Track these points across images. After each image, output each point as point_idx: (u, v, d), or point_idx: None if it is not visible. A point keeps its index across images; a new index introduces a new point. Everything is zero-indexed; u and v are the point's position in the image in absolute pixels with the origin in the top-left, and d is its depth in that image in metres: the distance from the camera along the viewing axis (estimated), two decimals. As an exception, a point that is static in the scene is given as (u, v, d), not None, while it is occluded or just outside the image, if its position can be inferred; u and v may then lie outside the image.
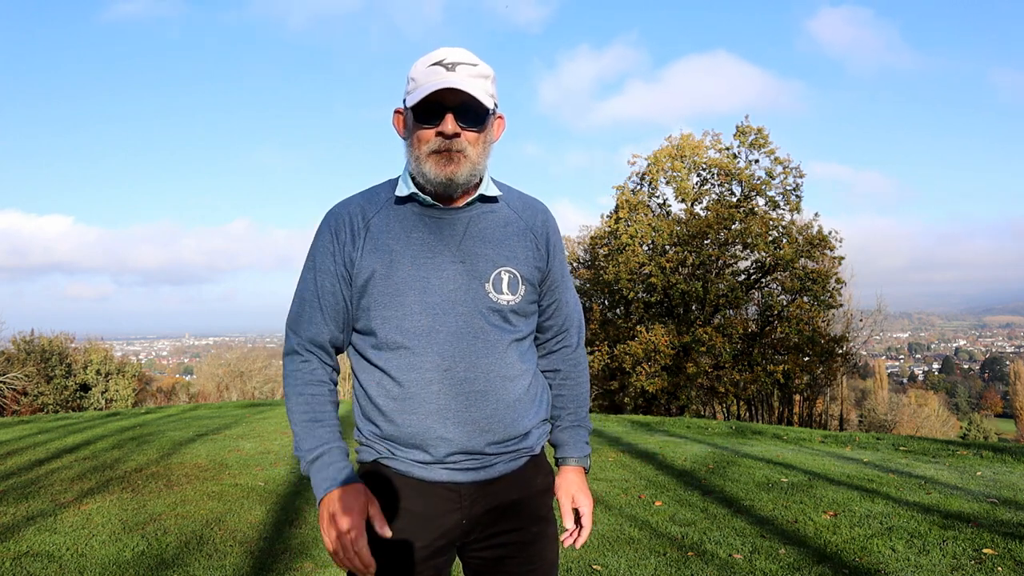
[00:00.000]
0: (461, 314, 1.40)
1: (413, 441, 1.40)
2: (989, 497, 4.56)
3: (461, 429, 1.39)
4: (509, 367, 1.44)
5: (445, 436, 1.39)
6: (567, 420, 1.61)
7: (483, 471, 1.43)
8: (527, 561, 1.49)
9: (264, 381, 32.63)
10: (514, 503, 1.48)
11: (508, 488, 1.47)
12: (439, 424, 1.38)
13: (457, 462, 1.41)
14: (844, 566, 3.38)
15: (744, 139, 21.24)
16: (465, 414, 1.39)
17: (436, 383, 1.38)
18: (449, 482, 1.41)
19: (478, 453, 1.41)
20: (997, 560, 3.37)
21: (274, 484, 5.16)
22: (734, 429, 8.76)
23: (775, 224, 20.38)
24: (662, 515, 4.34)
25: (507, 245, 1.46)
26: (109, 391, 25.31)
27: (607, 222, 22.68)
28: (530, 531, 1.50)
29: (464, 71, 1.35)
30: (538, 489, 1.52)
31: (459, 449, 1.40)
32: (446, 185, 1.38)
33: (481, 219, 1.46)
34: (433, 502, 1.41)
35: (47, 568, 3.41)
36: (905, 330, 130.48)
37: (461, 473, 1.41)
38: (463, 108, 1.35)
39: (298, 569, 3.43)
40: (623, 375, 20.64)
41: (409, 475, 1.42)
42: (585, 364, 1.65)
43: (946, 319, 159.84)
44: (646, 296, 21.56)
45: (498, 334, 1.43)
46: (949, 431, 33.62)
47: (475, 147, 1.38)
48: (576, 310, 1.63)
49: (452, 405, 1.38)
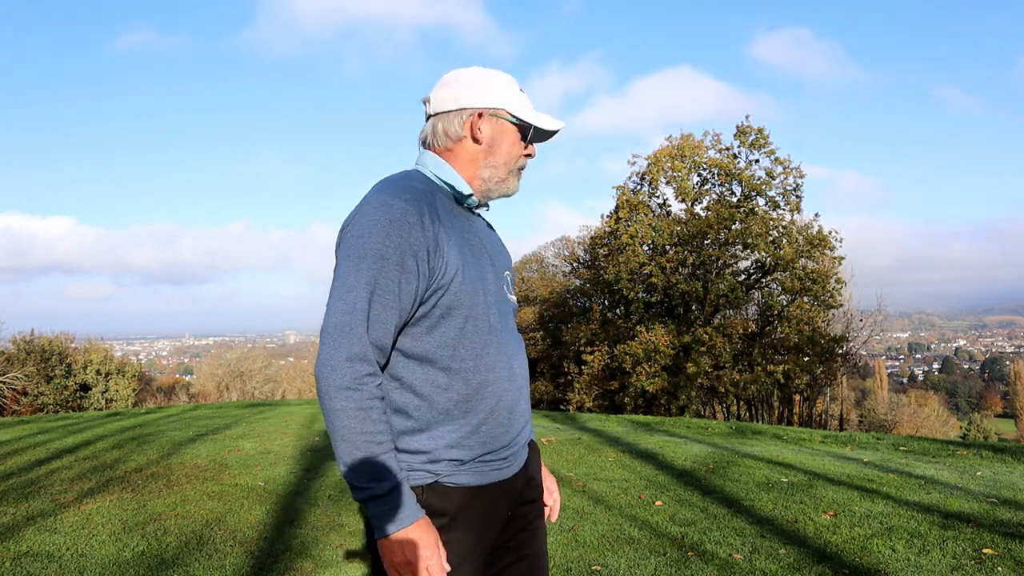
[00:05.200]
0: (506, 312, 1.49)
1: (484, 439, 1.39)
2: (989, 497, 4.56)
3: (518, 422, 1.48)
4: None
5: (511, 430, 1.45)
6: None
7: (522, 460, 1.52)
8: (536, 533, 1.57)
9: (264, 381, 32.63)
10: (530, 479, 1.57)
11: (527, 469, 1.55)
12: (507, 418, 1.44)
13: (515, 455, 1.48)
14: (844, 566, 3.38)
15: (744, 139, 21.25)
16: (522, 407, 1.48)
17: (506, 380, 1.43)
18: (507, 479, 1.46)
19: (523, 445, 1.52)
20: (997, 560, 3.37)
21: (274, 484, 5.16)
22: (734, 429, 8.76)
23: (775, 224, 20.40)
24: (662, 515, 4.34)
25: (504, 250, 1.59)
26: (109, 391, 25.31)
27: (607, 222, 22.69)
28: (538, 505, 1.59)
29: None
30: (538, 467, 1.63)
31: (523, 441, 1.50)
32: (506, 197, 1.53)
33: (482, 224, 1.56)
34: (498, 504, 1.44)
35: (47, 568, 3.41)
36: (905, 330, 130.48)
37: (514, 467, 1.48)
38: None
39: (298, 569, 3.43)
40: (623, 375, 20.65)
41: (478, 485, 1.38)
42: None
43: (946, 319, 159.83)
44: (646, 296, 21.58)
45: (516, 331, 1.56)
46: (949, 431, 33.62)
47: None
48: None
49: (515, 399, 1.46)
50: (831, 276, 20.05)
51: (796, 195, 20.79)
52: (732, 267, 21.48)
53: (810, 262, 20.34)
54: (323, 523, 4.18)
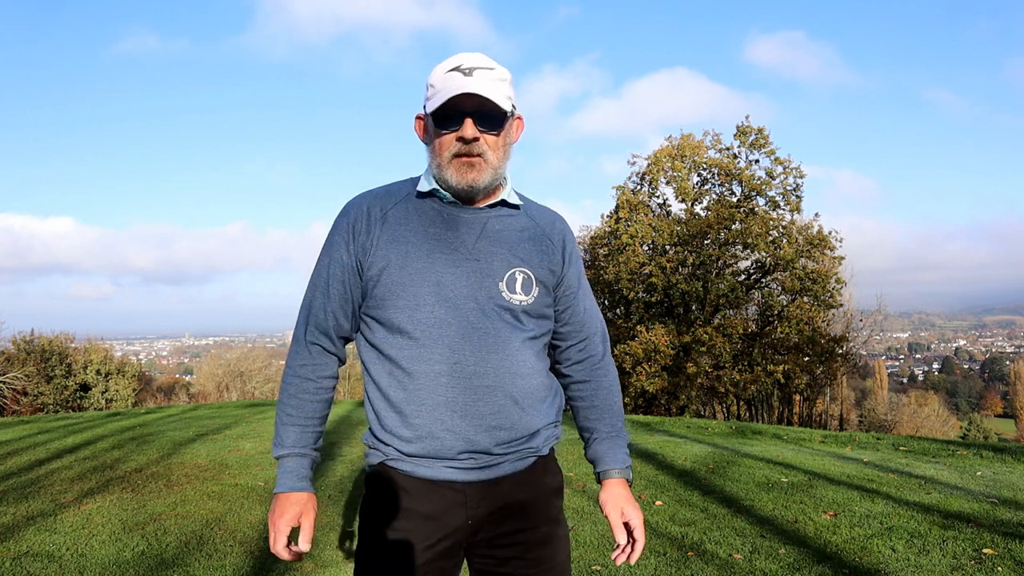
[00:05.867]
0: (473, 309, 1.41)
1: (420, 433, 1.40)
2: (989, 497, 4.56)
3: (468, 423, 1.39)
4: (519, 365, 1.44)
5: (452, 429, 1.39)
6: (603, 432, 1.58)
7: (489, 470, 1.43)
8: (535, 563, 1.48)
9: (264, 381, 32.60)
10: (521, 504, 1.47)
11: (515, 488, 1.46)
12: (448, 416, 1.39)
13: (463, 461, 1.41)
14: (844, 566, 3.38)
15: (744, 139, 21.22)
16: (473, 408, 1.40)
17: (445, 375, 1.39)
18: (455, 481, 1.41)
19: (483, 452, 1.41)
20: (997, 560, 3.37)
21: (274, 484, 5.16)
22: (734, 429, 8.76)
23: (775, 224, 20.37)
24: (662, 515, 4.33)
25: (522, 248, 1.48)
26: (109, 391, 25.30)
27: (607, 222, 22.66)
28: (539, 532, 1.48)
29: (481, 75, 1.38)
30: (547, 490, 1.51)
31: (465, 445, 1.40)
32: (467, 191, 1.41)
33: (498, 222, 1.48)
34: (439, 502, 1.41)
35: (47, 568, 3.41)
36: (905, 330, 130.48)
37: (466, 472, 1.41)
38: (481, 112, 1.37)
39: (298, 569, 3.43)
40: (623, 375, 20.62)
41: (414, 475, 1.42)
42: (615, 374, 1.63)
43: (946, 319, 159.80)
44: (646, 296, 21.55)
45: (509, 331, 1.44)
46: (949, 431, 33.60)
47: (495, 151, 1.41)
48: (596, 318, 1.62)
49: (460, 398, 1.39)
50: (831, 276, 20.02)
51: (796, 195, 20.76)
52: (732, 267, 21.45)
53: (810, 262, 20.33)
54: (323, 523, 4.18)
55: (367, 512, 1.47)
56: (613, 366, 1.64)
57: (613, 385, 1.61)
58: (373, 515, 1.45)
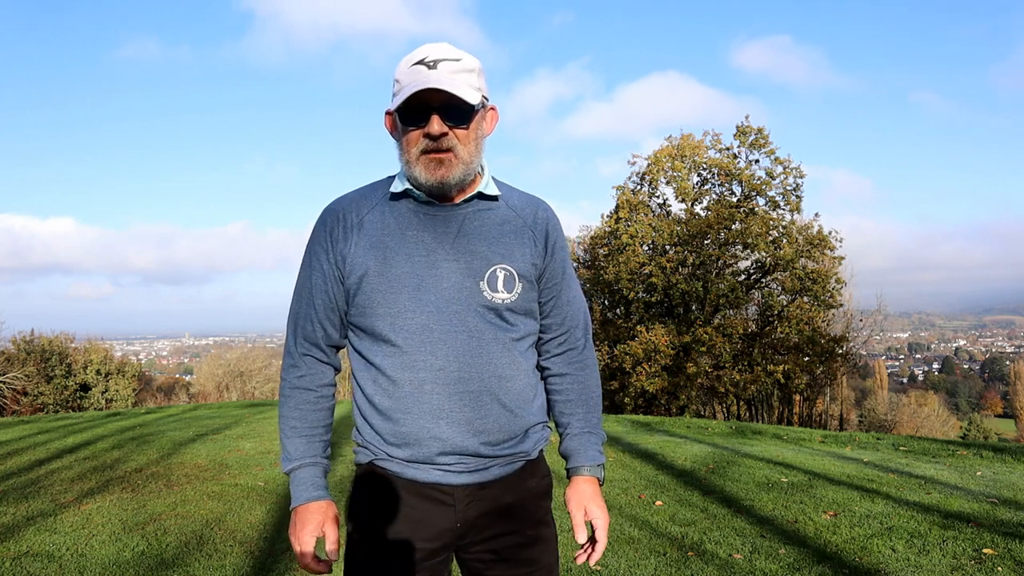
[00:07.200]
0: (456, 312, 1.38)
1: (407, 440, 1.39)
2: (989, 497, 4.56)
3: (456, 429, 1.37)
4: (506, 367, 1.41)
5: (439, 436, 1.37)
6: (577, 427, 1.54)
7: (478, 473, 1.41)
8: (523, 564, 1.47)
9: (264, 381, 32.60)
10: (509, 506, 1.45)
11: (503, 491, 1.45)
12: (433, 424, 1.37)
13: (451, 463, 1.39)
14: (844, 566, 3.38)
15: (744, 139, 21.22)
16: (459, 414, 1.38)
17: (430, 382, 1.37)
18: (443, 483, 1.40)
19: (472, 455, 1.40)
20: (997, 560, 3.37)
21: (274, 484, 5.16)
22: (734, 429, 8.76)
23: (775, 224, 20.36)
24: (662, 515, 4.33)
25: (503, 243, 1.43)
26: (109, 391, 25.30)
27: (607, 222, 22.65)
28: (526, 534, 1.47)
29: (446, 68, 1.32)
30: (534, 492, 1.50)
31: (453, 450, 1.38)
32: (438, 188, 1.36)
33: (477, 216, 1.43)
34: (427, 504, 1.40)
35: (47, 568, 3.41)
36: (905, 330, 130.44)
37: (455, 475, 1.40)
38: (448, 107, 1.32)
39: (298, 569, 3.42)
40: (623, 375, 20.63)
41: (402, 476, 1.41)
42: (594, 366, 1.58)
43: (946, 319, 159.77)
44: (646, 296, 21.55)
45: (494, 332, 1.40)
46: (949, 431, 33.58)
47: (465, 145, 1.35)
48: (580, 308, 1.57)
49: (446, 405, 1.37)
50: (831, 276, 20.02)
51: (796, 195, 20.76)
52: (732, 267, 21.45)
53: (810, 262, 20.33)
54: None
55: (356, 512, 1.46)
56: (594, 358, 1.59)
57: (592, 379, 1.56)
58: (362, 515, 1.44)
